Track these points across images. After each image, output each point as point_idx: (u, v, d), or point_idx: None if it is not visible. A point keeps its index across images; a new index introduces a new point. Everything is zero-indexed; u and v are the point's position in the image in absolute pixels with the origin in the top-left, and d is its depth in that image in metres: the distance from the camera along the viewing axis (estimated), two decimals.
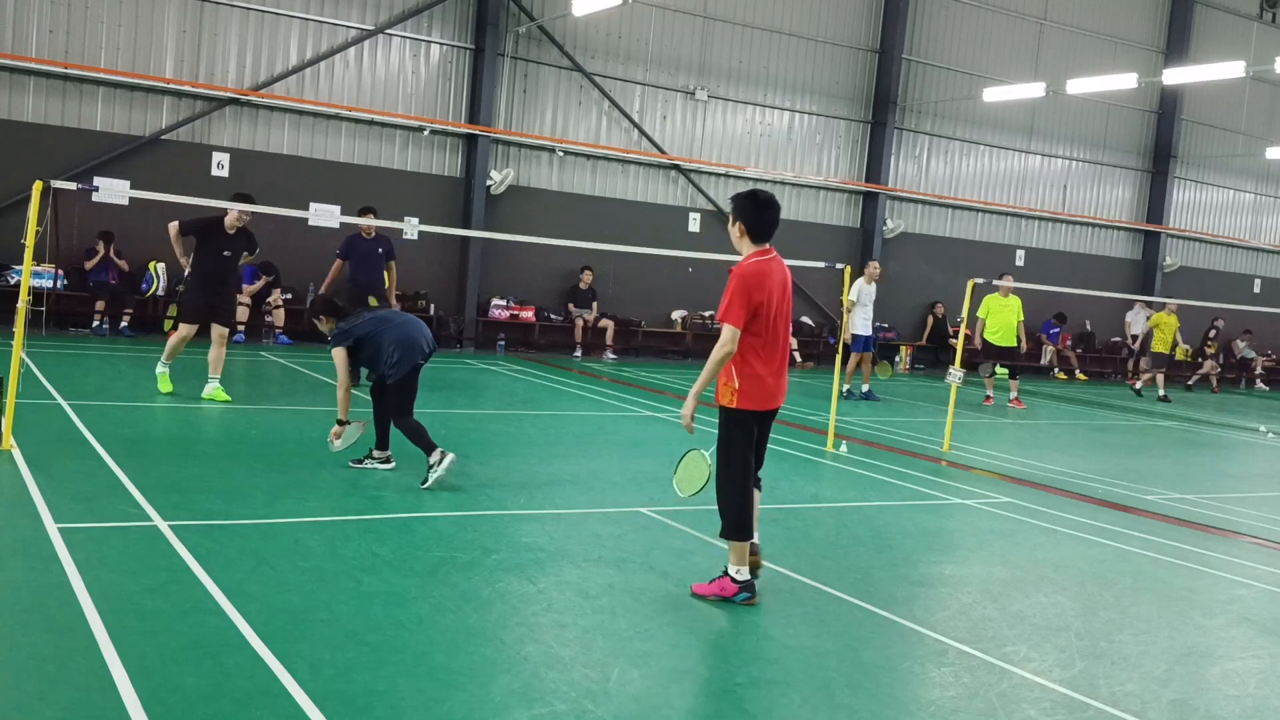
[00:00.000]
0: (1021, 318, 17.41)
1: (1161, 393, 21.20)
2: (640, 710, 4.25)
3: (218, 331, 10.99)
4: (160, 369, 11.04)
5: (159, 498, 6.74)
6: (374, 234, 13.61)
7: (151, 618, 4.71)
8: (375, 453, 8.37)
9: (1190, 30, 27.21)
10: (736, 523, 5.70)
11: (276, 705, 3.97)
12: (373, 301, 12.99)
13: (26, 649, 4.31)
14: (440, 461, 7.75)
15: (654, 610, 5.51)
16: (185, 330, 10.94)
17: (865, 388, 16.65)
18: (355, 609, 5.07)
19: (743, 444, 5.74)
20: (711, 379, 5.66)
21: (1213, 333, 25.19)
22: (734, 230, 5.76)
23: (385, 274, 13.68)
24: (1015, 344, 17.46)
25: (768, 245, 5.76)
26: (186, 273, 11.18)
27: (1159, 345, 21.10)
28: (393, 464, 8.33)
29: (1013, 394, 17.62)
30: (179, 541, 5.86)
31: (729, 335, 5.56)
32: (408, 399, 8.10)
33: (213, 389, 10.87)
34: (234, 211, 10.76)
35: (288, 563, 5.71)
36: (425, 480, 7.75)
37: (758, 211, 5.70)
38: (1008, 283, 16.63)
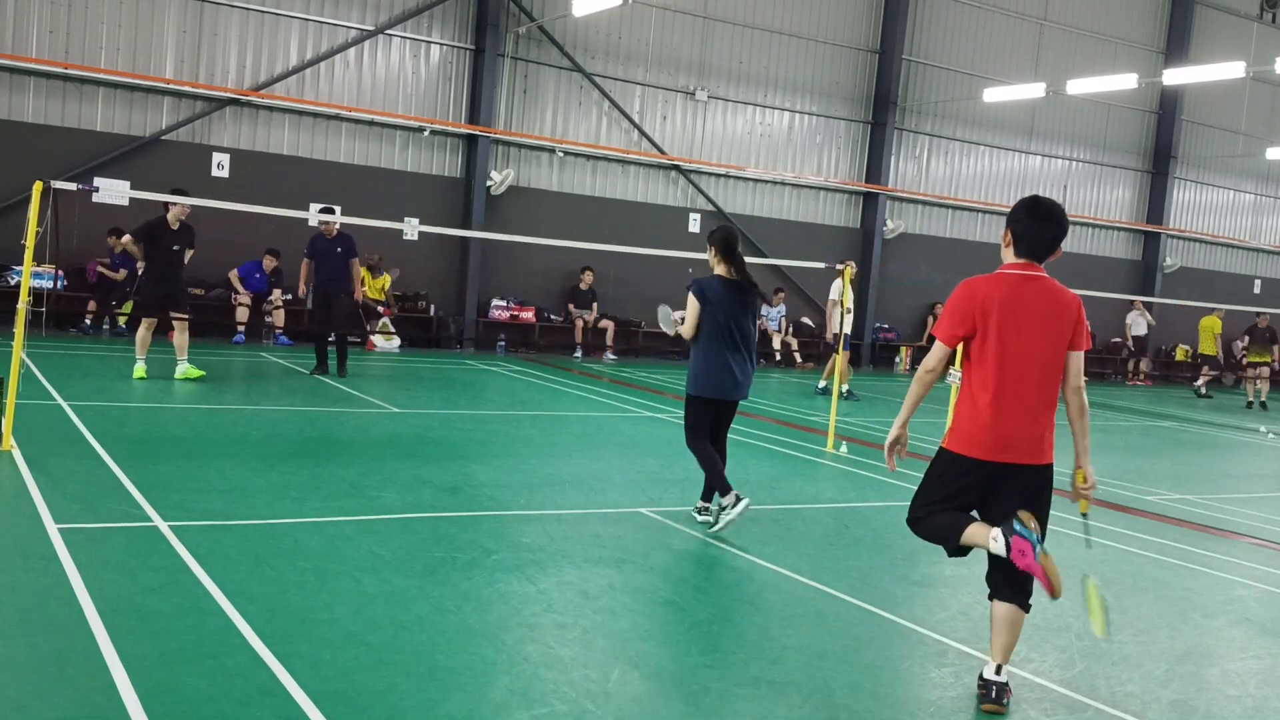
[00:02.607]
0: None
1: (1203, 389, 23.36)
2: (640, 710, 4.25)
3: (177, 320, 12.05)
4: (138, 363, 11.93)
5: (159, 498, 6.74)
6: (335, 233, 13.99)
7: (151, 618, 4.71)
8: (716, 502, 7.27)
9: (1190, 30, 27.20)
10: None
11: (276, 705, 3.97)
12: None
13: (26, 649, 4.31)
14: (735, 504, 7.04)
15: (654, 610, 5.51)
16: (148, 323, 12.05)
17: (845, 388, 16.61)
18: (355, 609, 5.07)
19: (943, 493, 4.79)
20: (913, 405, 4.76)
21: (1244, 339, 23.44)
22: (1004, 236, 4.84)
23: (350, 273, 13.98)
24: None
25: (1036, 264, 4.76)
26: (139, 271, 12.36)
27: (1205, 348, 23.41)
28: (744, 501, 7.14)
29: None
30: (179, 541, 5.86)
31: (936, 354, 4.76)
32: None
33: (184, 369, 11.91)
34: (176, 207, 11.79)
35: (288, 563, 5.70)
36: (715, 523, 7.14)
37: (1031, 220, 4.73)
38: None
